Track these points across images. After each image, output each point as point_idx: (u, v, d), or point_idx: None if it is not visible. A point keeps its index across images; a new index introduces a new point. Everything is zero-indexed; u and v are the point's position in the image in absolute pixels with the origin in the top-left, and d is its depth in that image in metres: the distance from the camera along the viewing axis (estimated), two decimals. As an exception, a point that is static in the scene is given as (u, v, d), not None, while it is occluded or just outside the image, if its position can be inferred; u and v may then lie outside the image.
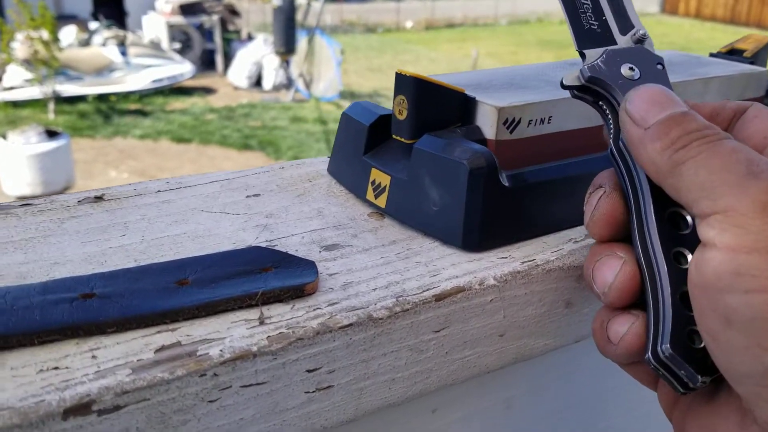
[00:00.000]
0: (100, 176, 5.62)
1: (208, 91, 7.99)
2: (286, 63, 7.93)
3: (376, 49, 10.22)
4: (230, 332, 0.32)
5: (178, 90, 7.78)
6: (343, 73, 8.28)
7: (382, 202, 0.44)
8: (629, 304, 0.33)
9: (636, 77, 0.34)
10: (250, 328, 0.32)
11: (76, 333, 0.31)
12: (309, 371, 0.33)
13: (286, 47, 7.78)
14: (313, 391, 0.33)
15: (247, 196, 0.46)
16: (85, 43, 7.96)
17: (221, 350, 0.30)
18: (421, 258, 0.39)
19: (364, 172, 0.46)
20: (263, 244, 0.40)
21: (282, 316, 0.33)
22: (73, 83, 7.10)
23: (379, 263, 0.38)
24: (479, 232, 0.39)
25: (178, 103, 7.44)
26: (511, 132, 0.43)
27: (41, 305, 0.31)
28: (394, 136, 0.44)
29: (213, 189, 0.47)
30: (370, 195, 0.45)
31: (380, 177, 0.44)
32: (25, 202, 0.43)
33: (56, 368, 0.29)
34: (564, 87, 0.36)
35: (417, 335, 0.35)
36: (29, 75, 6.78)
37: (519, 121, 0.43)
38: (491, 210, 0.39)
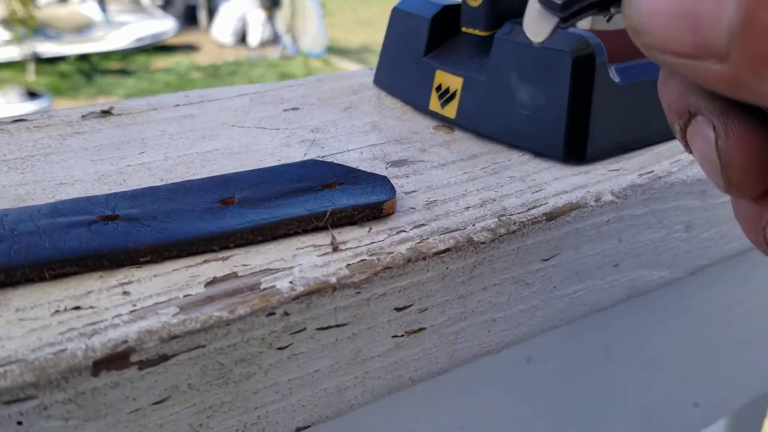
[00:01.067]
0: (85, 137, 5.47)
1: (191, 48, 7.77)
2: (271, 17, 7.72)
3: (364, 1, 9.98)
4: (298, 261, 0.24)
5: (161, 48, 7.56)
6: (330, 27, 8.07)
7: (451, 111, 0.37)
8: None
9: None
10: (321, 255, 0.25)
11: (99, 264, 0.23)
12: (398, 309, 0.26)
13: (272, 1, 7.56)
14: (402, 335, 0.26)
15: (285, 110, 0.38)
16: (64, 0, 7.71)
17: (291, 282, 0.23)
18: (513, 173, 0.32)
19: (426, 77, 0.38)
20: (316, 161, 0.32)
21: (359, 240, 0.26)
22: (53, 42, 6.88)
23: (463, 179, 0.31)
24: (585, 140, 0.32)
25: (161, 61, 7.23)
26: (608, 20, 0.35)
27: (50, 230, 0.24)
28: (464, 29, 0.37)
29: (242, 102, 0.39)
30: (434, 104, 0.37)
31: (448, 80, 0.37)
32: (17, 117, 0.35)
33: (77, 308, 0.21)
34: (539, 44, 0.21)
35: (523, 264, 0.28)
36: (7, 35, 6.56)
37: (616, 10, 0.36)
38: (599, 112, 0.32)
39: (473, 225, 0.27)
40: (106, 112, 0.36)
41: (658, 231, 0.32)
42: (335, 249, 0.25)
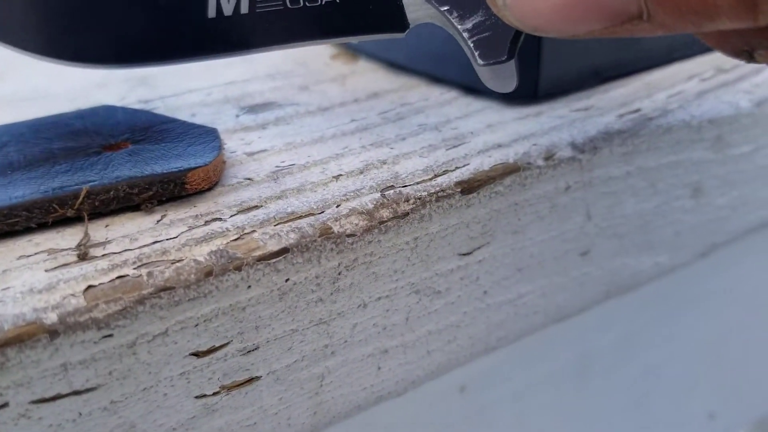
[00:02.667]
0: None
1: None
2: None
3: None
4: (6, 281, 0.14)
5: None
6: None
7: (354, 33, 0.25)
8: None
9: None
10: (53, 268, 0.14)
11: None
12: (199, 354, 0.15)
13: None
14: (216, 393, 0.16)
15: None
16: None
17: (-33, 327, 0.13)
18: (427, 118, 0.21)
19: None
20: (136, 107, 0.21)
21: (132, 239, 0.15)
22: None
23: (347, 130, 0.20)
24: (536, 63, 0.21)
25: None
26: None
27: None
28: None
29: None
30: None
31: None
32: None
33: None
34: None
35: (428, 263, 0.18)
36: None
37: None
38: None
39: (337, 206, 0.17)
40: None
41: (649, 199, 0.22)
42: (82, 257, 0.15)
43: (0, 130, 0.19)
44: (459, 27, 0.16)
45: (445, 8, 0.16)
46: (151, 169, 0.16)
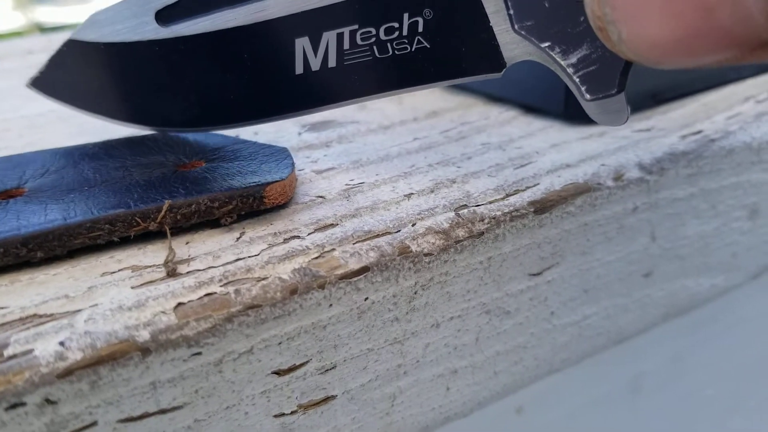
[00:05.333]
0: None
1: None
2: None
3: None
4: (94, 298, 0.14)
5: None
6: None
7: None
8: None
9: None
10: (139, 285, 0.14)
11: None
12: (280, 373, 0.15)
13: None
14: (294, 412, 0.16)
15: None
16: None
17: (63, 343, 0.13)
18: (489, 137, 0.21)
19: None
20: (197, 126, 0.22)
21: (215, 256, 0.15)
22: (54, 5, 6.76)
23: (411, 149, 0.20)
24: (598, 84, 0.21)
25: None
26: None
27: None
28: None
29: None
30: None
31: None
32: None
33: None
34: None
35: (500, 283, 0.18)
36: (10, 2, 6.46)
37: None
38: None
39: (412, 225, 0.17)
40: None
41: (709, 221, 0.21)
42: (171, 273, 0.15)
43: (71, 149, 0.19)
44: (562, 62, 0.16)
45: (546, 44, 0.16)
46: (229, 184, 0.16)
